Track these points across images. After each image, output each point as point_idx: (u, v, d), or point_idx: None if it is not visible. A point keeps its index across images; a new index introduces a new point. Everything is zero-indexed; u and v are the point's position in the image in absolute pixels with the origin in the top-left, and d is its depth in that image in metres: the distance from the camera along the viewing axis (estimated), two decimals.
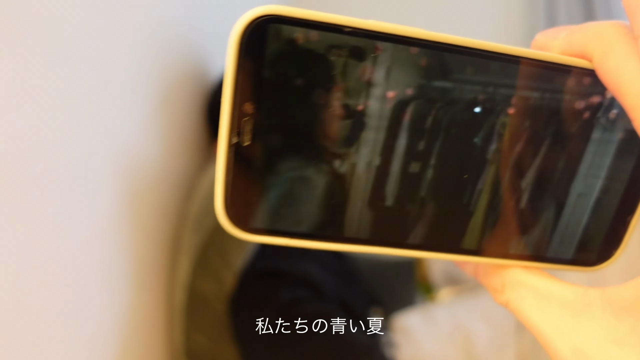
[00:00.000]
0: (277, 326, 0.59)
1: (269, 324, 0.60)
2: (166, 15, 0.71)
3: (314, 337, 0.58)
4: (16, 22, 0.42)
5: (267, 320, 0.60)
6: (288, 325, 0.59)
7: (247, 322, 0.62)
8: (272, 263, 0.64)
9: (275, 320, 0.60)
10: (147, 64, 0.66)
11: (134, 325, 0.62)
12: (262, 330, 0.60)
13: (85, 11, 0.52)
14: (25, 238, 0.43)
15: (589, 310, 0.17)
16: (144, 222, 0.65)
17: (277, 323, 0.59)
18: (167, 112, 0.72)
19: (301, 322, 0.59)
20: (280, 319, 0.60)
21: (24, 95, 0.43)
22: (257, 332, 0.60)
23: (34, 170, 0.44)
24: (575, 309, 0.18)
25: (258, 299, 0.63)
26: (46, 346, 0.46)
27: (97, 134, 0.54)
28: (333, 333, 0.58)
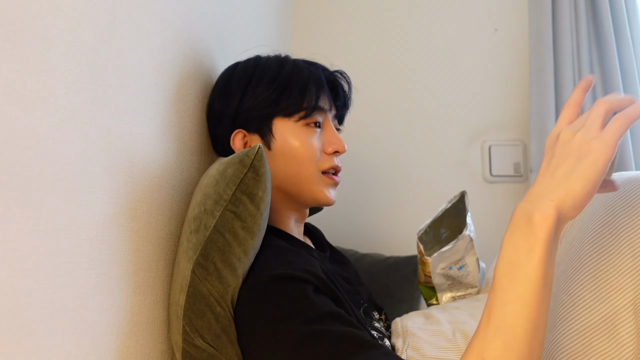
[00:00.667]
0: (287, 323, 0.59)
1: (278, 322, 0.59)
2: (176, 23, 0.71)
3: (325, 333, 0.57)
4: (22, 23, 0.42)
5: (277, 317, 0.60)
6: (299, 322, 0.59)
7: (256, 323, 0.61)
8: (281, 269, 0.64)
9: (285, 317, 0.59)
10: (147, 65, 0.66)
11: (131, 327, 0.62)
12: (274, 329, 0.59)
13: (96, 14, 0.52)
14: (23, 238, 0.43)
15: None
16: (142, 223, 0.65)
17: (287, 320, 0.59)
18: (167, 112, 0.72)
19: (314, 317, 0.59)
20: (291, 317, 0.59)
21: (24, 94, 0.43)
22: (268, 332, 0.60)
23: (32, 171, 0.44)
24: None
25: (268, 299, 0.62)
26: (44, 347, 0.46)
27: (95, 135, 0.54)
28: (344, 330, 0.58)
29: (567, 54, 1.43)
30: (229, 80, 0.81)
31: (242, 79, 0.79)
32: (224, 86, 0.81)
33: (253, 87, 0.77)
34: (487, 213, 1.53)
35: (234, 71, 0.82)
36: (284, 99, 0.76)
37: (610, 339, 0.59)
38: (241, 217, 0.64)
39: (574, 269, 0.64)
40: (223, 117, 0.80)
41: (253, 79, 0.78)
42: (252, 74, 0.79)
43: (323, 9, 1.71)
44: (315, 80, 0.79)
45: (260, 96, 0.77)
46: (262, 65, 0.80)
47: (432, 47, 1.63)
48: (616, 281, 0.60)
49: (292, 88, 0.77)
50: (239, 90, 0.78)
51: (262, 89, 0.77)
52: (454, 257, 0.90)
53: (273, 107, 0.77)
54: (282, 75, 0.78)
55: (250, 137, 0.79)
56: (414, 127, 1.60)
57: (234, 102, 0.78)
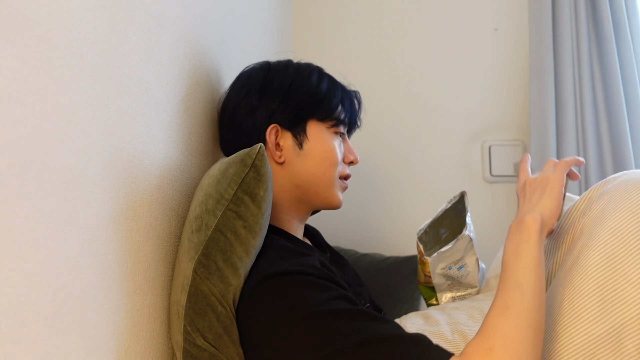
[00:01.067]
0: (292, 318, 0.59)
1: (286, 311, 0.59)
2: (176, 23, 0.71)
3: (335, 312, 0.58)
4: (22, 23, 0.42)
5: (284, 307, 0.60)
6: (307, 307, 0.59)
7: (263, 318, 0.61)
8: (284, 266, 0.64)
9: (292, 305, 0.59)
10: (147, 65, 0.66)
11: (131, 327, 0.62)
12: (279, 325, 0.59)
13: (97, 14, 0.52)
14: (24, 238, 0.43)
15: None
16: (143, 223, 0.64)
17: (294, 308, 0.59)
18: (168, 112, 0.72)
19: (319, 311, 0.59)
20: (298, 304, 0.59)
21: (24, 94, 0.43)
22: (276, 323, 0.60)
23: (32, 171, 0.44)
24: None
25: (273, 294, 0.62)
26: (44, 347, 0.46)
27: (95, 135, 0.54)
28: (354, 308, 0.59)
29: (567, 54, 1.43)
30: (269, 78, 0.83)
31: (284, 80, 0.83)
32: (262, 83, 0.83)
33: (295, 89, 0.82)
34: (487, 213, 1.53)
35: (271, 71, 0.85)
36: (323, 105, 0.82)
37: (614, 352, 0.56)
38: (243, 216, 0.64)
39: (580, 276, 0.61)
40: (258, 112, 0.81)
41: (295, 82, 0.83)
42: (293, 77, 0.83)
43: (323, 10, 1.71)
44: (347, 97, 0.88)
45: (301, 98, 0.82)
46: (302, 71, 0.85)
47: (432, 48, 1.63)
48: (624, 291, 0.57)
49: (331, 98, 0.84)
50: (281, 90, 0.81)
51: (304, 93, 0.82)
52: (454, 257, 0.90)
53: (312, 110, 0.82)
54: (322, 86, 0.84)
55: (282, 133, 0.81)
56: (414, 127, 1.60)
57: (274, 99, 0.81)
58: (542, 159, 1.40)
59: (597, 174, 1.38)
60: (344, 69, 0.91)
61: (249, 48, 1.18)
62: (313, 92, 0.82)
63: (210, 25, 0.90)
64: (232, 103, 0.84)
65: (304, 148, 0.81)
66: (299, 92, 0.81)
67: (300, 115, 0.81)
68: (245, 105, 0.82)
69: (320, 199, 0.83)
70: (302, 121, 0.81)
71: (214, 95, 0.92)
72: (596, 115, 1.41)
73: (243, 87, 0.84)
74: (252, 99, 0.81)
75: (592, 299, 0.58)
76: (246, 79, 0.85)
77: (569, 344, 0.58)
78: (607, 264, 0.59)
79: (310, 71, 0.85)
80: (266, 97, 0.81)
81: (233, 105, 0.84)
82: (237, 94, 0.84)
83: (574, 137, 1.40)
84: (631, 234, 0.59)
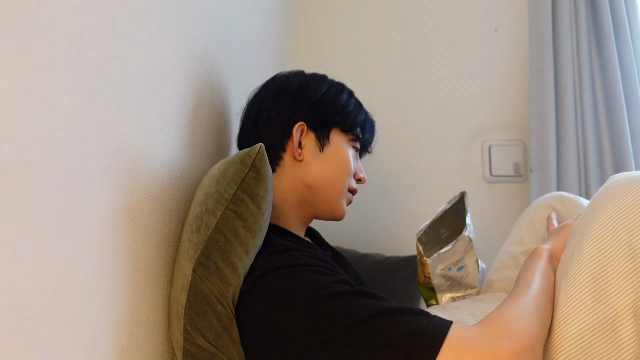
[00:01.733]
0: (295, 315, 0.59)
1: (289, 299, 0.60)
2: (176, 24, 0.71)
3: (337, 294, 0.60)
4: (22, 23, 0.42)
5: (287, 296, 0.61)
6: (310, 293, 0.60)
7: (265, 312, 0.62)
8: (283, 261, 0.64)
9: (294, 293, 0.60)
10: (147, 65, 0.66)
11: (131, 327, 0.62)
12: (282, 321, 0.60)
13: (97, 14, 0.52)
14: (24, 238, 0.43)
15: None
16: (143, 223, 0.65)
17: (296, 296, 0.60)
18: (168, 112, 0.72)
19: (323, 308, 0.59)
20: (300, 291, 0.60)
21: (24, 94, 0.43)
22: (275, 324, 0.60)
23: (32, 171, 0.44)
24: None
25: (274, 287, 0.62)
26: (44, 347, 0.46)
27: (95, 135, 0.54)
28: (356, 288, 0.61)
29: (567, 54, 1.43)
30: (304, 84, 0.87)
31: (318, 89, 0.87)
32: (298, 87, 0.87)
33: (326, 98, 0.87)
34: (487, 213, 1.53)
35: (308, 78, 0.89)
36: (349, 118, 0.88)
37: (610, 342, 0.59)
38: (242, 216, 0.64)
39: (574, 271, 0.65)
40: (290, 111, 0.84)
41: (328, 93, 0.88)
42: (328, 89, 0.88)
43: (323, 11, 1.71)
44: (369, 121, 0.94)
45: (331, 108, 0.86)
46: (335, 87, 0.90)
47: (432, 47, 1.63)
48: (616, 283, 0.61)
49: (356, 115, 0.89)
50: (314, 96, 0.86)
51: (334, 105, 0.87)
52: (454, 258, 0.90)
53: (339, 118, 0.86)
54: (350, 103, 0.89)
55: (307, 133, 0.85)
56: (414, 127, 1.61)
57: (307, 102, 0.85)
58: (542, 159, 1.40)
59: (597, 174, 1.38)
60: (344, 70, 0.92)
61: (249, 48, 1.18)
62: (343, 105, 0.87)
63: (211, 25, 0.90)
64: (265, 99, 0.87)
65: (324, 151, 0.84)
66: (329, 102, 0.86)
67: (327, 120, 0.85)
68: (277, 102, 0.85)
69: (326, 204, 0.85)
70: (328, 127, 0.85)
71: (215, 95, 0.92)
72: (596, 115, 1.41)
73: (277, 89, 0.87)
74: (285, 99, 0.85)
75: (587, 291, 0.62)
76: (282, 81, 0.88)
77: (566, 334, 0.61)
78: (599, 258, 0.63)
79: (343, 88, 0.90)
80: (298, 100, 0.85)
81: (264, 102, 0.86)
82: (271, 93, 0.87)
83: (574, 137, 1.40)
84: (620, 229, 0.62)
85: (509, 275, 0.94)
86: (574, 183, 1.38)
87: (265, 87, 0.89)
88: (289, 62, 1.66)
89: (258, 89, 0.91)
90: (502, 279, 0.95)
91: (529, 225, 0.97)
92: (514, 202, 1.53)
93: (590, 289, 0.62)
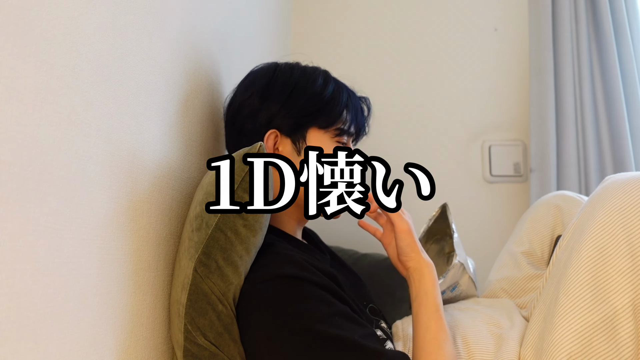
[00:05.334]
0: (292, 323, 0.59)
1: (283, 321, 0.60)
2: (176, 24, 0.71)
3: (330, 337, 0.59)
4: (22, 23, 0.42)
5: (282, 317, 0.60)
6: (305, 322, 0.59)
7: (261, 322, 0.62)
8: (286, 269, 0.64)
9: (290, 317, 0.60)
10: (147, 65, 0.66)
11: (131, 327, 0.62)
12: (278, 327, 0.60)
13: (97, 14, 0.52)
14: (24, 238, 0.43)
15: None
16: (143, 223, 0.64)
17: (291, 320, 0.60)
18: (168, 112, 0.72)
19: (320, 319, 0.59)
20: (295, 316, 0.60)
21: (24, 94, 0.43)
22: (272, 331, 0.60)
23: (32, 171, 0.44)
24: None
25: (273, 298, 0.62)
26: (44, 347, 0.46)
27: (95, 135, 0.54)
28: (350, 335, 0.59)
29: (567, 54, 1.43)
30: (272, 81, 0.81)
31: (287, 84, 0.81)
32: (266, 86, 0.81)
33: (298, 93, 0.80)
34: (487, 213, 1.53)
35: (276, 73, 0.83)
36: (324, 114, 0.80)
37: (609, 340, 0.60)
38: (243, 215, 0.64)
39: (573, 270, 0.65)
40: (259, 115, 0.80)
41: (298, 86, 0.80)
42: (297, 81, 0.81)
43: (323, 10, 1.71)
44: (354, 104, 0.85)
45: (303, 104, 0.79)
46: (307, 75, 0.82)
47: (432, 47, 1.63)
48: (615, 282, 0.61)
49: (334, 105, 0.81)
50: (283, 94, 0.80)
51: (307, 99, 0.80)
52: (447, 284, 0.90)
53: (313, 117, 0.79)
54: (327, 91, 0.81)
55: (281, 139, 0.80)
56: (414, 127, 1.60)
57: (276, 103, 0.79)
58: (542, 159, 1.40)
59: (597, 174, 1.38)
60: (343, 70, 0.91)
61: (249, 48, 1.18)
62: (316, 99, 0.80)
63: (211, 25, 0.90)
64: (236, 103, 0.83)
65: (302, 155, 0.78)
66: (301, 97, 0.80)
67: (300, 122, 0.79)
68: (248, 106, 0.81)
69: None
70: (302, 128, 0.79)
71: (214, 95, 0.92)
72: (596, 115, 1.41)
73: (248, 87, 0.83)
74: (254, 101, 0.80)
75: (586, 289, 0.62)
76: (252, 80, 0.84)
77: (566, 332, 0.62)
78: (598, 257, 0.63)
79: (316, 75, 0.83)
80: (268, 100, 0.80)
81: (237, 105, 0.83)
82: (242, 94, 0.83)
83: (574, 137, 1.40)
84: (619, 228, 0.63)
85: (508, 275, 0.94)
86: (574, 183, 1.38)
87: (238, 89, 0.85)
88: (289, 59, 1.65)
89: (232, 91, 0.87)
90: (501, 279, 0.95)
91: (529, 225, 0.97)
92: (514, 202, 1.53)
93: (590, 287, 0.62)
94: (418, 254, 0.76)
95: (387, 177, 0.71)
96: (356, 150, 0.71)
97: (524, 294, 0.90)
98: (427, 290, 0.72)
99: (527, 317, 0.77)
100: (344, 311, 0.63)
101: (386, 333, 0.76)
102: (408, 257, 0.77)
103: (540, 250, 0.94)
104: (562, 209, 0.94)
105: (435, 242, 1.00)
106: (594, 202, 0.69)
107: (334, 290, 0.65)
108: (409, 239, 0.77)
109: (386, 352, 0.59)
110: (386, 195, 0.72)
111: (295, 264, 0.65)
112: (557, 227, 0.94)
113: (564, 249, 0.72)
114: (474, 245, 1.37)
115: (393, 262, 0.82)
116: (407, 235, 0.77)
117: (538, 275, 0.90)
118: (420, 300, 0.72)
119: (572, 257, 0.66)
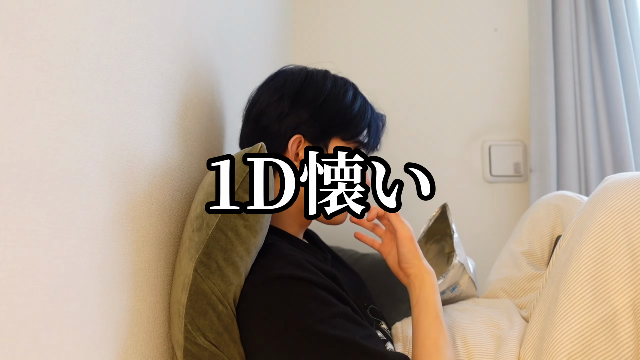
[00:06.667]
0: (293, 324, 0.60)
1: (283, 322, 0.60)
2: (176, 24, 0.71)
3: (331, 337, 0.59)
4: (22, 23, 0.42)
5: (282, 318, 0.61)
6: (305, 323, 0.59)
7: (261, 322, 0.62)
8: (287, 269, 0.64)
9: (290, 317, 0.60)
10: (147, 65, 0.66)
11: (131, 327, 0.62)
12: (279, 328, 0.60)
13: (97, 14, 0.52)
14: (24, 238, 0.43)
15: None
16: (143, 223, 0.64)
17: (291, 320, 0.60)
18: (168, 112, 0.72)
19: (319, 320, 0.59)
20: (296, 317, 0.60)
21: (24, 94, 0.43)
22: (272, 332, 0.60)
23: (32, 171, 0.44)
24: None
25: (274, 299, 0.62)
26: (44, 347, 0.46)
27: (95, 135, 0.54)
28: (351, 336, 0.59)
29: (567, 54, 1.43)
30: (304, 87, 0.82)
31: (319, 93, 0.82)
32: (297, 91, 0.82)
33: (328, 104, 0.82)
34: (487, 213, 1.53)
35: (308, 79, 0.84)
36: (350, 127, 0.82)
37: (609, 339, 0.60)
38: (243, 215, 0.64)
39: (574, 270, 0.65)
40: (287, 119, 0.80)
41: (330, 97, 0.82)
42: (329, 92, 0.83)
43: (323, 10, 1.71)
44: (375, 121, 0.88)
45: (332, 116, 0.81)
46: (338, 87, 0.84)
47: (432, 48, 1.63)
48: (615, 282, 0.61)
49: (360, 120, 0.83)
50: (314, 103, 0.81)
51: (336, 111, 0.82)
52: (447, 284, 0.90)
53: (339, 129, 0.81)
54: (355, 106, 0.84)
55: (304, 145, 0.80)
56: (414, 127, 1.60)
57: (306, 111, 0.80)
58: (542, 159, 1.41)
59: (597, 174, 1.38)
60: (344, 69, 0.91)
61: (249, 48, 1.18)
62: (345, 112, 0.82)
63: (211, 25, 0.90)
64: (262, 103, 0.83)
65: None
66: (331, 109, 0.81)
67: (326, 131, 0.81)
68: (276, 109, 0.81)
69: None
70: (326, 138, 0.81)
71: (214, 95, 0.92)
72: (596, 115, 1.41)
73: (277, 89, 0.83)
74: (283, 105, 0.81)
75: (586, 289, 0.62)
76: (282, 82, 0.84)
77: (567, 331, 0.62)
78: (598, 257, 0.63)
79: (346, 88, 0.85)
80: (298, 106, 0.80)
81: (263, 106, 0.83)
82: (270, 95, 0.83)
83: (574, 137, 1.40)
84: (619, 228, 0.63)
85: (508, 275, 0.94)
86: (574, 183, 1.38)
87: (265, 88, 0.85)
88: (289, 59, 1.66)
89: (259, 87, 0.87)
90: (501, 279, 0.95)
91: (529, 225, 0.97)
92: (514, 202, 1.53)
93: (590, 287, 0.62)
94: (419, 261, 0.77)
95: (387, 177, 0.71)
96: (356, 151, 0.71)
97: (523, 294, 0.90)
98: (428, 297, 0.73)
99: (527, 318, 0.77)
100: (345, 312, 0.63)
101: (386, 334, 0.76)
102: (409, 264, 0.77)
103: (540, 250, 0.94)
104: (562, 209, 0.94)
105: (435, 242, 1.00)
106: (593, 202, 0.69)
107: (335, 291, 0.65)
108: (411, 246, 0.77)
109: (387, 354, 0.59)
110: (386, 196, 0.72)
111: (296, 264, 0.65)
112: (557, 227, 0.94)
113: (563, 249, 0.72)
114: (474, 245, 1.38)
115: (393, 270, 0.83)
116: (409, 242, 0.77)
117: (538, 276, 0.91)
118: (420, 306, 0.72)
119: (572, 257, 0.66)
